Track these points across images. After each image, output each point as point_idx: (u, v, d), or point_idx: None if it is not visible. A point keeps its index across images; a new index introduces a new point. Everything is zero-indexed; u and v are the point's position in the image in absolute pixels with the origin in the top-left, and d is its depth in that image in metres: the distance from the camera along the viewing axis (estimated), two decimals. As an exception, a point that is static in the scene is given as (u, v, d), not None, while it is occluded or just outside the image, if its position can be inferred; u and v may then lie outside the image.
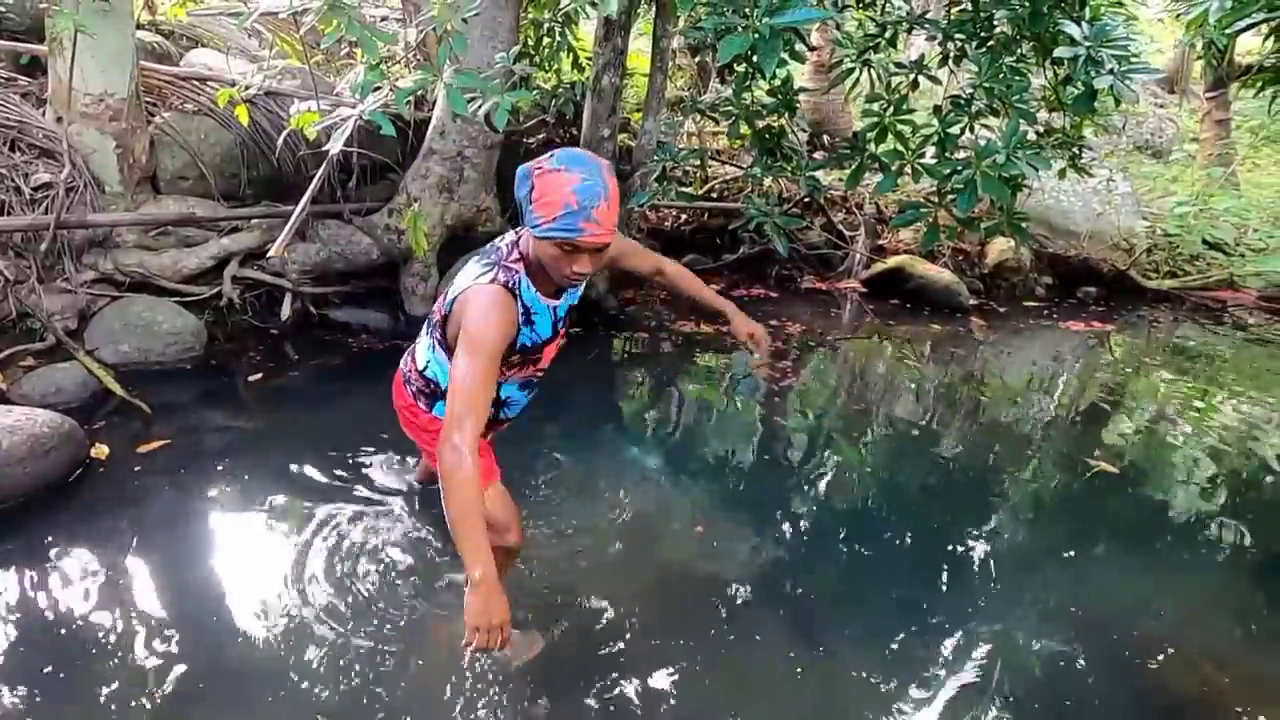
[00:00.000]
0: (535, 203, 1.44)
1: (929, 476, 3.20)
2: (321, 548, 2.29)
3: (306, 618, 2.01)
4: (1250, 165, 8.79)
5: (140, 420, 2.96)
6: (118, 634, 1.92)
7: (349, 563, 2.24)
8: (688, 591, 2.24)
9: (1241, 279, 6.20)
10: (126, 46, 3.52)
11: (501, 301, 1.52)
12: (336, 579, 2.16)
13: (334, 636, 1.95)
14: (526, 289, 1.59)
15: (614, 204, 1.46)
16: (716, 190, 5.78)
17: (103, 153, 3.58)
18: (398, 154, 4.30)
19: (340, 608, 2.05)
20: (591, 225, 1.42)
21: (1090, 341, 5.16)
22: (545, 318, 1.65)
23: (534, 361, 1.73)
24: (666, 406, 3.72)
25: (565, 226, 1.42)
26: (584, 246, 1.44)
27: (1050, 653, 2.14)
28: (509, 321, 1.53)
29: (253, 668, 1.85)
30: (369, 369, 3.67)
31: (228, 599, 2.07)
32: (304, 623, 1.99)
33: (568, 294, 1.70)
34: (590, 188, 1.41)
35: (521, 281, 1.58)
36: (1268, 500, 3.22)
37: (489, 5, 3.63)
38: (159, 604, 2.04)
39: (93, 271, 3.59)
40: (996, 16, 3.40)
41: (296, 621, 2.00)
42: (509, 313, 1.53)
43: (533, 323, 1.63)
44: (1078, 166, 3.93)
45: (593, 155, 1.50)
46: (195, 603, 2.06)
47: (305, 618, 2.01)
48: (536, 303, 1.61)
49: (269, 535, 2.36)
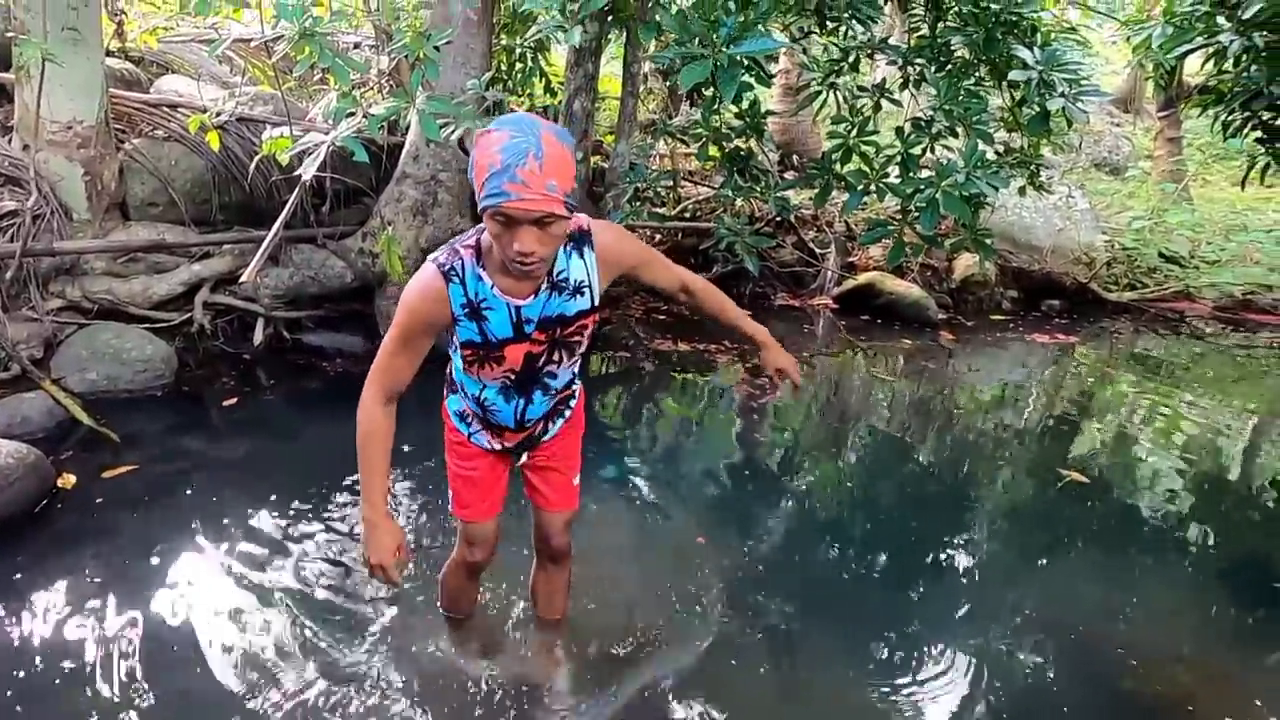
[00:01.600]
0: (474, 175, 1.27)
1: (906, 489, 3.26)
2: (292, 578, 2.27)
3: (275, 650, 1.99)
4: (1202, 181, 9.14)
5: (109, 449, 2.91)
6: (81, 668, 1.88)
7: (320, 593, 2.22)
8: (669, 606, 2.26)
9: (1197, 290, 6.42)
10: (95, 74, 3.51)
11: (424, 281, 1.41)
12: (307, 610, 2.14)
13: (304, 671, 1.93)
14: (474, 276, 1.41)
15: (553, 167, 1.22)
16: (689, 210, 5.87)
17: (70, 180, 3.55)
18: (371, 178, 4.32)
19: (311, 640, 2.03)
20: (517, 187, 1.20)
21: (1056, 353, 5.30)
22: (501, 314, 1.43)
23: (497, 361, 1.50)
24: (647, 425, 3.75)
25: (490, 190, 1.23)
26: (513, 214, 1.23)
27: (1024, 659, 2.18)
28: (426, 301, 1.41)
29: (219, 700, 1.82)
30: (343, 393, 3.63)
31: (194, 632, 2.03)
32: (272, 655, 1.97)
33: (546, 296, 1.44)
34: (516, 145, 1.21)
35: (466, 266, 1.40)
36: (1231, 506, 3.32)
37: (461, 32, 3.69)
38: (124, 637, 2.00)
39: (59, 299, 3.54)
40: (954, 42, 3.53)
41: (265, 654, 1.97)
42: (429, 294, 1.41)
43: (483, 316, 1.43)
44: (1036, 184, 4.07)
45: (538, 117, 1.30)
46: (161, 635, 2.02)
47: (273, 650, 1.99)
48: (488, 294, 1.42)
49: (238, 566, 2.32)
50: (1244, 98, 3.05)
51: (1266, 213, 7.80)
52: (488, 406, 1.61)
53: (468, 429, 1.72)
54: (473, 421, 1.71)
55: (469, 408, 1.68)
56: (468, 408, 1.69)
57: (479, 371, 1.54)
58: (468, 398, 1.65)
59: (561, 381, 1.62)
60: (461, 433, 1.73)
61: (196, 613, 2.10)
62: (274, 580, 2.25)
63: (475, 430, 1.71)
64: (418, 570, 2.30)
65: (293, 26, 2.90)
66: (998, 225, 6.16)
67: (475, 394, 1.62)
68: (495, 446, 1.72)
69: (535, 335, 1.49)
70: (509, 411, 1.61)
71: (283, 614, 2.11)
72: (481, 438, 1.72)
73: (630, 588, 2.33)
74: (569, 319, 1.49)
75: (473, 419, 1.70)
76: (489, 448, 1.73)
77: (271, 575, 2.27)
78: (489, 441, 1.72)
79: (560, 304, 1.47)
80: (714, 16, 2.64)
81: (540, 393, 1.60)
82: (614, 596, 2.26)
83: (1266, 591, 2.63)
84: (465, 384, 1.63)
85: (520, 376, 1.55)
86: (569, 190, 1.27)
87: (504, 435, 1.69)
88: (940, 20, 3.54)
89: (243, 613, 2.11)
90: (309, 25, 2.88)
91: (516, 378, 1.55)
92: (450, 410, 1.74)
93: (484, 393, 1.60)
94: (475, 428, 1.71)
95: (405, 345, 1.47)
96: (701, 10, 2.72)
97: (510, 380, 1.56)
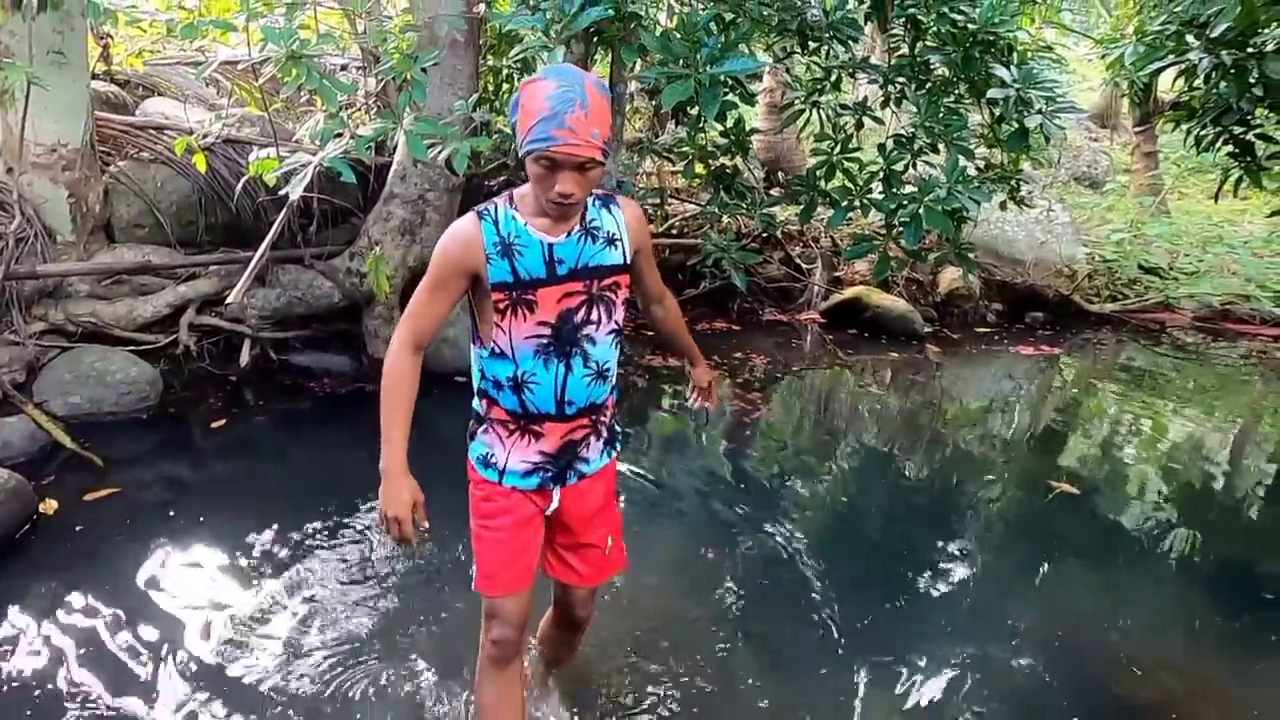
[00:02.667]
0: (520, 121, 1.35)
1: (897, 502, 3.27)
2: (277, 605, 2.24)
3: (259, 679, 1.96)
4: (1178, 194, 9.31)
5: (92, 473, 2.88)
6: (61, 696, 1.85)
7: (304, 620, 2.19)
8: (658, 621, 2.25)
9: (1176, 301, 6.52)
10: (81, 97, 3.51)
11: (459, 223, 1.44)
12: (290, 637, 2.11)
13: (290, 701, 1.90)
14: (507, 216, 1.43)
15: (596, 117, 1.32)
16: (676, 227, 5.91)
17: (55, 202, 3.54)
18: (359, 198, 4.32)
19: (294, 666, 2.00)
20: (565, 133, 1.29)
21: (1041, 365, 5.35)
22: (534, 250, 1.42)
23: (529, 307, 1.44)
24: (643, 439, 3.74)
25: (538, 136, 1.31)
26: (559, 159, 1.31)
27: (1015, 668, 2.19)
28: (459, 241, 1.42)
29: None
30: (331, 413, 3.64)
31: (178, 660, 2.01)
32: (257, 684, 1.94)
33: (579, 239, 1.45)
34: (565, 94, 1.30)
35: (499, 209, 1.44)
36: (1217, 514, 3.35)
37: (448, 54, 3.72)
38: (102, 667, 1.97)
39: (42, 323, 3.51)
40: (933, 62, 3.60)
41: (249, 682, 1.94)
42: (461, 233, 1.43)
43: (515, 252, 1.42)
44: (1017, 199, 4.13)
45: (580, 70, 1.41)
46: (141, 665, 1.99)
47: (258, 679, 1.96)
48: (522, 231, 1.42)
49: (223, 592, 2.29)
50: (1215, 113, 3.12)
51: (1241, 224, 7.96)
52: (525, 382, 1.48)
53: (498, 468, 1.54)
54: (505, 446, 1.54)
55: (503, 409, 1.52)
56: (500, 413, 1.52)
57: (511, 327, 1.44)
58: (503, 389, 1.50)
59: (601, 353, 1.51)
60: (489, 480, 1.56)
61: (180, 642, 2.07)
62: (260, 607, 2.22)
63: (508, 462, 1.54)
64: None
65: (280, 49, 2.92)
66: (980, 239, 6.24)
67: (510, 375, 1.48)
68: (532, 467, 1.53)
69: (570, 283, 1.45)
70: (549, 383, 1.48)
71: (267, 644, 2.08)
72: (515, 469, 1.54)
73: (633, 602, 2.31)
74: (604, 270, 1.48)
75: (505, 440, 1.53)
76: (523, 482, 1.54)
77: (258, 601, 2.24)
78: (524, 464, 1.54)
79: (594, 252, 1.47)
80: (696, 37, 2.68)
81: (580, 361, 1.48)
82: (615, 611, 2.25)
83: (1256, 600, 2.65)
84: (498, 371, 1.49)
85: (558, 333, 1.46)
86: (607, 139, 1.36)
87: (543, 436, 1.52)
88: (919, 40, 3.61)
89: (228, 642, 2.07)
90: (296, 48, 2.90)
91: (554, 334, 1.46)
92: (475, 458, 1.59)
93: (519, 368, 1.47)
94: (507, 455, 1.54)
95: (437, 288, 1.45)
96: (684, 32, 2.77)
97: (547, 339, 1.46)
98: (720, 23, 3.06)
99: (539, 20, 2.74)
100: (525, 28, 2.83)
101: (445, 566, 2.42)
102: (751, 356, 4.96)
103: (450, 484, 1.73)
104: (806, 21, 3.39)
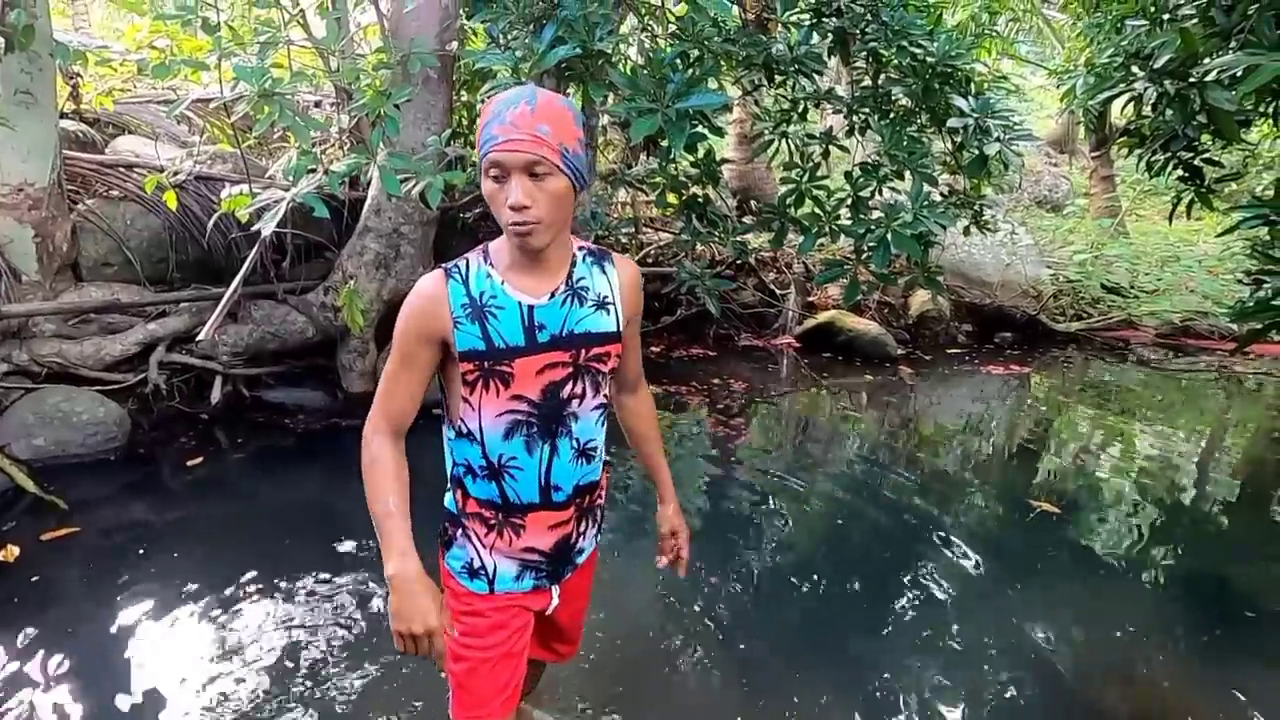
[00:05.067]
0: (476, 141, 1.21)
1: (878, 524, 3.28)
2: (250, 652, 2.19)
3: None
4: (1135, 216, 9.63)
5: (55, 518, 2.80)
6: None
7: (277, 669, 2.14)
8: (642, 646, 2.23)
9: (1139, 318, 6.72)
10: (49, 137, 3.49)
11: (422, 283, 1.24)
12: (256, 685, 2.06)
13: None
14: (480, 272, 1.24)
15: (545, 114, 1.14)
16: (651, 256, 5.98)
17: (20, 242, 3.49)
18: (333, 233, 4.32)
19: (258, 714, 1.95)
20: (505, 129, 1.13)
21: (1012, 384, 5.46)
22: (511, 313, 1.23)
23: (503, 380, 1.24)
24: (627, 465, 3.73)
25: (484, 139, 1.16)
26: (504, 160, 1.14)
27: (996, 687, 2.19)
28: (421, 299, 1.22)
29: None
30: (305, 450, 3.58)
31: (144, 712, 1.94)
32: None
33: (564, 300, 1.26)
34: (512, 97, 1.16)
35: (471, 265, 1.25)
36: (1191, 529, 3.40)
37: (421, 90, 3.76)
38: (68, 715, 1.90)
39: (6, 364, 3.43)
40: (894, 93, 3.72)
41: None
42: (424, 292, 1.23)
43: (488, 315, 1.22)
44: (980, 223, 4.25)
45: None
46: (108, 715, 1.93)
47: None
48: (498, 290, 1.23)
49: (190, 641, 2.23)
50: (1163, 139, 3.25)
51: (1197, 244, 8.25)
52: (504, 467, 1.28)
53: (487, 576, 1.33)
54: (484, 544, 1.33)
55: (476, 500, 1.32)
56: (474, 505, 1.32)
57: (481, 403, 1.25)
58: (477, 477, 1.30)
59: (586, 430, 1.31)
60: (477, 592, 1.33)
61: (145, 695, 2.01)
62: (227, 658, 2.16)
63: (499, 566, 1.33)
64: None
65: (253, 87, 2.94)
66: (948, 262, 6.39)
67: (481, 461, 1.28)
68: (522, 566, 1.34)
69: (552, 353, 1.25)
70: (532, 468, 1.28)
71: (238, 692, 2.02)
72: (507, 572, 1.33)
73: (618, 628, 2.29)
74: (593, 338, 1.28)
75: (484, 538, 1.33)
76: (517, 584, 1.35)
77: (224, 654, 2.18)
78: (513, 564, 1.34)
79: (580, 316, 1.27)
80: (662, 74, 2.75)
81: (567, 442, 1.29)
82: (601, 638, 2.22)
83: (1239, 616, 2.68)
84: (469, 455, 1.29)
85: (540, 411, 1.27)
86: (569, 146, 1.16)
87: (525, 529, 1.32)
88: (881, 72, 3.73)
89: (191, 696, 2.01)
90: (269, 86, 2.92)
91: (535, 411, 1.26)
92: (456, 568, 1.35)
93: (488, 451, 1.27)
94: (491, 556, 1.33)
95: (405, 363, 1.25)
96: (651, 68, 2.84)
97: (525, 417, 1.26)
98: (685, 59, 3.14)
99: (509, 58, 2.80)
100: (497, 64, 2.88)
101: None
102: (729, 381, 4.99)
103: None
104: (772, 56, 3.50)
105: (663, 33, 3.69)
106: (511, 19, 2.94)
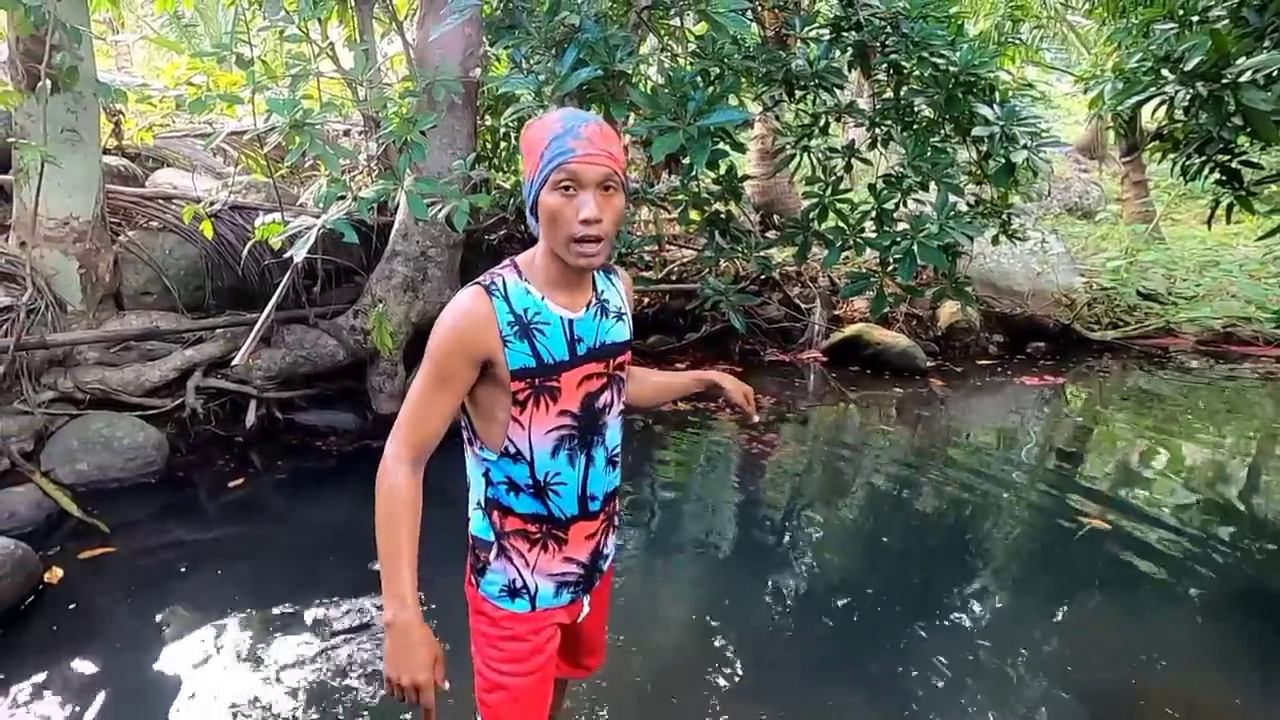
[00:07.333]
0: (526, 157, 1.21)
1: (919, 540, 3.20)
2: (285, 675, 2.21)
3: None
4: (1170, 220, 9.41)
5: (98, 540, 2.87)
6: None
7: (311, 689, 2.15)
8: (667, 668, 2.20)
9: (1177, 325, 6.53)
10: (93, 172, 3.63)
11: (463, 300, 1.21)
12: (293, 707, 2.08)
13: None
14: (519, 291, 1.23)
15: (610, 136, 1.19)
16: (675, 273, 5.99)
17: (66, 274, 3.62)
18: (362, 257, 4.41)
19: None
20: (582, 144, 1.15)
21: (1047, 394, 5.33)
22: (556, 329, 1.24)
23: (552, 395, 1.25)
24: (655, 483, 3.72)
25: (555, 151, 1.16)
26: (579, 171, 1.15)
27: (1033, 705, 2.12)
28: (469, 319, 1.19)
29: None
30: (338, 471, 3.63)
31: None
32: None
33: (595, 314, 1.29)
34: (574, 114, 1.20)
35: (506, 281, 1.23)
36: (1244, 545, 3.25)
37: (446, 116, 3.84)
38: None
39: (51, 391, 3.55)
40: (917, 103, 3.70)
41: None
42: (470, 311, 1.20)
43: (535, 332, 1.22)
44: (1009, 232, 4.19)
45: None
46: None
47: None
48: (541, 306, 1.23)
49: (231, 663, 2.26)
50: (1198, 143, 3.17)
51: (1236, 247, 8.02)
52: (549, 484, 1.29)
53: (529, 595, 1.32)
54: (529, 561, 1.31)
55: (520, 517, 1.30)
56: (517, 522, 1.31)
57: (531, 421, 1.25)
58: (522, 493, 1.29)
59: (614, 438, 1.36)
60: (519, 613, 1.31)
61: (187, 712, 2.04)
62: (268, 681, 2.18)
63: (537, 584, 1.32)
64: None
65: (284, 119, 3.03)
66: (977, 272, 6.30)
67: (528, 479, 1.28)
68: (560, 580, 1.34)
69: (590, 364, 1.28)
70: (574, 483, 1.30)
71: (276, 709, 2.04)
72: (547, 589, 1.33)
73: (641, 649, 2.27)
74: (618, 347, 1.33)
75: (527, 554, 1.31)
76: (556, 600, 1.34)
77: (265, 677, 2.21)
78: (552, 580, 1.33)
79: (608, 328, 1.31)
80: (682, 92, 2.77)
81: (600, 451, 1.32)
82: (632, 654, 2.20)
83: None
84: (514, 474, 1.28)
85: (581, 424, 1.29)
86: (623, 168, 1.22)
87: (567, 542, 1.33)
88: (903, 83, 3.71)
89: (236, 713, 2.04)
90: (299, 117, 3.01)
91: (576, 424, 1.28)
92: (492, 593, 1.32)
93: (537, 469, 1.27)
94: (533, 574, 1.32)
95: (441, 385, 1.20)
96: (671, 86, 2.86)
97: (569, 430, 1.28)
98: (706, 76, 3.16)
99: (532, 82, 2.84)
100: (519, 89, 2.93)
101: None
102: (757, 397, 4.94)
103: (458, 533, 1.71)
104: (792, 71, 3.50)
105: (683, 52, 3.72)
106: (534, 44, 3.00)
